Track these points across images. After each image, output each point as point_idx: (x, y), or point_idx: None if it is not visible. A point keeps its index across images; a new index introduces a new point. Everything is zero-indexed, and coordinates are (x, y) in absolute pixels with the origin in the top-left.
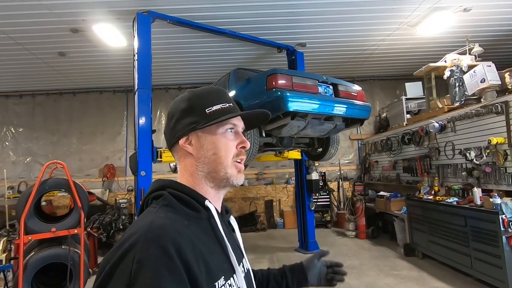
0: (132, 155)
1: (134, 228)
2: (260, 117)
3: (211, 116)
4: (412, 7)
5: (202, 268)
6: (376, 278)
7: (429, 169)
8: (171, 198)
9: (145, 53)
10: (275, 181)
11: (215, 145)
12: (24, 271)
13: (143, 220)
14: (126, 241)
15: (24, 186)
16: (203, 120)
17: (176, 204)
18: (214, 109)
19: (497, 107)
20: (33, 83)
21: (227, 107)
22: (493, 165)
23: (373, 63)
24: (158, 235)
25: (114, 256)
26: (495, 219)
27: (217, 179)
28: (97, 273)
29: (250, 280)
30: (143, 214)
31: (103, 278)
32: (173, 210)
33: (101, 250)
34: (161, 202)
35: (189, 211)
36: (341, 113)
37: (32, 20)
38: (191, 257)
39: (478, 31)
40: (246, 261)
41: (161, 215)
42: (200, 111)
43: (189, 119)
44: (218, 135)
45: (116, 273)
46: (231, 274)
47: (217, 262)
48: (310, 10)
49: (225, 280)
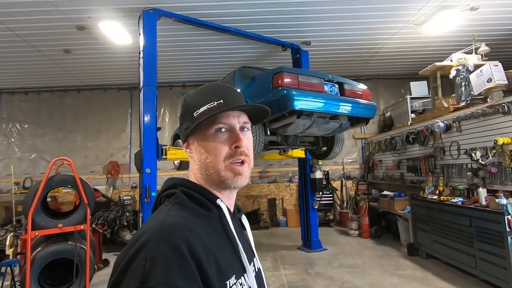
0: (137, 152)
1: (147, 227)
2: (257, 112)
3: (198, 119)
4: (419, 6)
5: (213, 267)
6: (380, 277)
7: (434, 169)
8: (183, 196)
9: (150, 51)
10: (278, 179)
11: (205, 149)
12: (31, 266)
13: (156, 219)
14: (139, 239)
15: (30, 182)
16: (192, 124)
17: (188, 202)
18: (201, 111)
19: (504, 107)
20: (38, 80)
21: (214, 105)
22: (499, 165)
23: (378, 62)
24: (170, 233)
25: (128, 254)
26: (501, 220)
27: (215, 182)
28: (112, 270)
29: (261, 279)
30: (156, 212)
31: (117, 275)
32: (185, 209)
33: (106, 246)
34: (173, 201)
35: (200, 210)
36: (346, 112)
37: (38, 17)
38: (203, 255)
39: (485, 30)
40: (257, 260)
41: (173, 213)
42: (190, 116)
43: (185, 125)
44: (207, 137)
45: (130, 271)
46: (242, 273)
47: (228, 261)
48: (315, 8)
49: (236, 279)
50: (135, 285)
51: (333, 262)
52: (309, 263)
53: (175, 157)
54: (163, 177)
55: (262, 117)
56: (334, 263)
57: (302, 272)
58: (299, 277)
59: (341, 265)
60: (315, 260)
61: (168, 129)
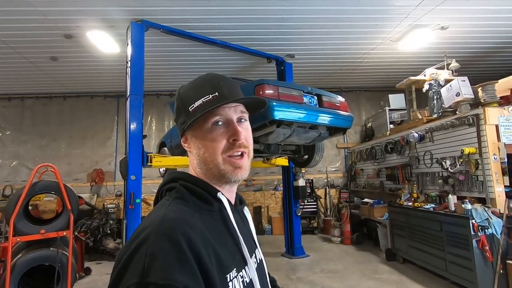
0: (123, 160)
1: (148, 221)
2: (253, 104)
3: (194, 114)
4: (394, 24)
5: (213, 261)
6: (358, 281)
7: (410, 177)
8: (184, 190)
9: (138, 61)
10: (264, 187)
11: (203, 143)
12: (11, 272)
13: (157, 213)
14: (140, 234)
15: (10, 189)
16: (188, 119)
17: (188, 196)
18: (196, 105)
19: (469, 119)
20: (23, 86)
21: (209, 99)
22: (466, 173)
23: (359, 75)
24: (170, 228)
25: (129, 249)
26: (466, 224)
27: (216, 176)
28: (114, 265)
29: (262, 270)
30: (157, 207)
31: (119, 270)
32: (185, 203)
33: (88, 255)
34: (174, 195)
35: (201, 204)
36: (324, 122)
37: (26, 25)
38: (202, 250)
39: (455, 48)
40: (259, 251)
41: (173, 208)
42: (185, 110)
43: (181, 119)
44: (204, 131)
45: (131, 266)
46: (243, 266)
47: (229, 254)
48: (298, 23)
49: (237, 272)
50: (135, 280)
51: (314, 267)
52: (292, 269)
53: (160, 164)
54: (148, 184)
55: (259, 108)
56: (315, 268)
57: (284, 277)
58: (281, 282)
59: (322, 270)
60: (297, 266)
61: (155, 137)
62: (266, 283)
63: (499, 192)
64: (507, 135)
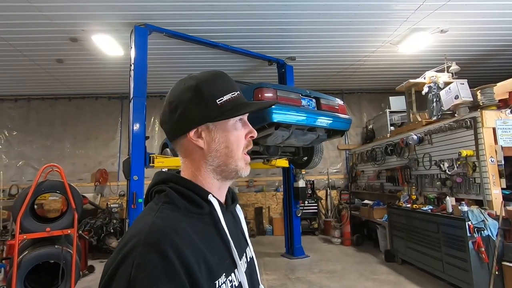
0: (126, 160)
1: (135, 230)
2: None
3: (222, 108)
4: (394, 27)
5: (202, 269)
6: (356, 281)
7: (409, 179)
8: (174, 194)
9: (141, 64)
10: (265, 188)
11: (227, 138)
12: (18, 269)
13: (144, 220)
14: (127, 244)
15: (16, 189)
16: (215, 112)
17: (179, 200)
18: (225, 99)
19: (466, 122)
20: (29, 87)
21: (236, 96)
22: (464, 175)
23: (360, 77)
24: (158, 238)
25: (116, 259)
26: (463, 226)
27: (226, 172)
28: (102, 273)
29: (253, 269)
30: (146, 211)
31: (105, 281)
32: (175, 208)
33: (92, 253)
34: (163, 199)
35: (191, 208)
36: (322, 124)
37: (32, 29)
38: (192, 260)
39: (455, 51)
40: (251, 249)
41: (162, 215)
42: (212, 102)
43: (199, 111)
44: (229, 127)
45: (117, 277)
46: (233, 270)
47: (219, 260)
48: (299, 27)
49: (225, 277)
50: None
51: (313, 268)
52: (291, 269)
53: (162, 165)
54: None
55: None
56: (314, 269)
57: (283, 277)
58: (279, 281)
59: (321, 270)
60: (296, 266)
61: (158, 138)
62: (256, 282)
63: (496, 195)
64: (504, 138)
